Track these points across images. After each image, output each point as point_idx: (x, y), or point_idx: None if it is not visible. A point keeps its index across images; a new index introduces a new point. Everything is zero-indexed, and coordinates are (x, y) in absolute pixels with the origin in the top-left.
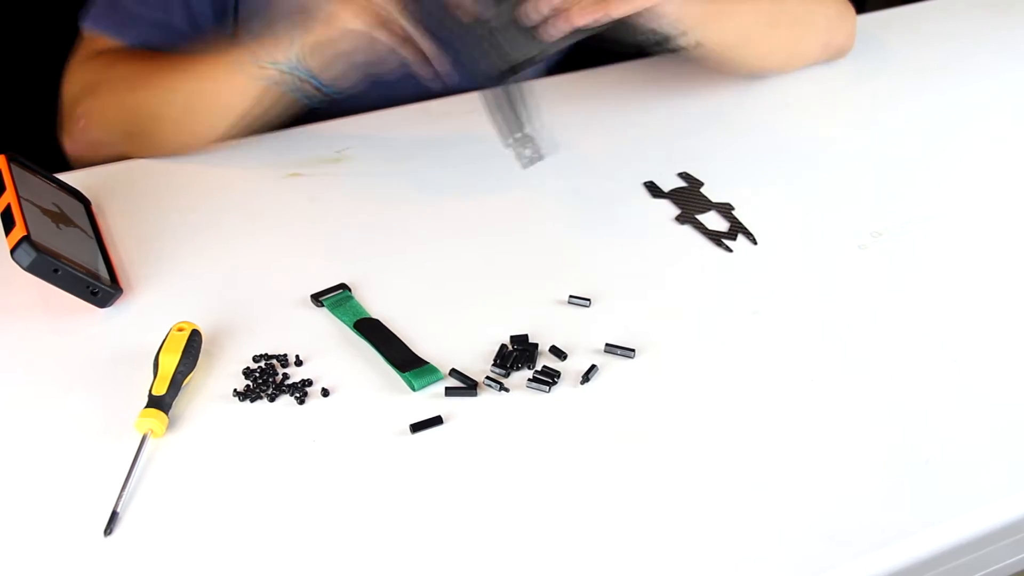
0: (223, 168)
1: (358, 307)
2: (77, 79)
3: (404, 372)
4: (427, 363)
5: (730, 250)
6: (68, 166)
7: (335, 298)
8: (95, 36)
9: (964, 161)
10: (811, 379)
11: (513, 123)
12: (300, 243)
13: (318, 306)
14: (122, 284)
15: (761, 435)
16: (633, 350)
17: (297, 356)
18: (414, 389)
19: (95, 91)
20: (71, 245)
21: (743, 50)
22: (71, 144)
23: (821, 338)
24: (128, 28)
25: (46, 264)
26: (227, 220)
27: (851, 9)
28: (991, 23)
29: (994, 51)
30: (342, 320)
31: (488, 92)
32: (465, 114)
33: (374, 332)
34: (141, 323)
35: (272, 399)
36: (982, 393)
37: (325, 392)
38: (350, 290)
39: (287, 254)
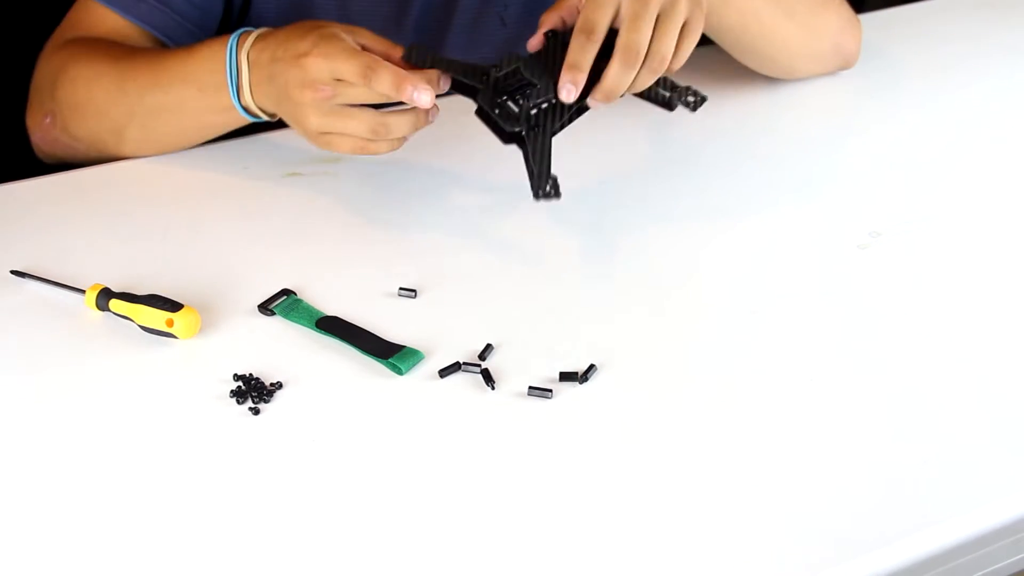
0: (222, 166)
1: (311, 308)
2: (50, 64)
3: (387, 359)
4: (405, 346)
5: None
6: (38, 167)
7: (284, 303)
8: (84, 10)
9: (963, 161)
10: (810, 379)
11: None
12: (287, 244)
13: (268, 315)
14: None
15: (760, 435)
16: (550, 390)
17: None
18: (401, 373)
19: (64, 85)
20: None
21: (760, 39)
22: (34, 134)
23: (820, 338)
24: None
25: None
26: (223, 219)
27: (858, 20)
28: (991, 23)
29: (994, 51)
30: (300, 323)
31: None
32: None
33: (339, 328)
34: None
35: (255, 405)
36: (981, 392)
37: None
38: (295, 294)
39: (276, 254)
